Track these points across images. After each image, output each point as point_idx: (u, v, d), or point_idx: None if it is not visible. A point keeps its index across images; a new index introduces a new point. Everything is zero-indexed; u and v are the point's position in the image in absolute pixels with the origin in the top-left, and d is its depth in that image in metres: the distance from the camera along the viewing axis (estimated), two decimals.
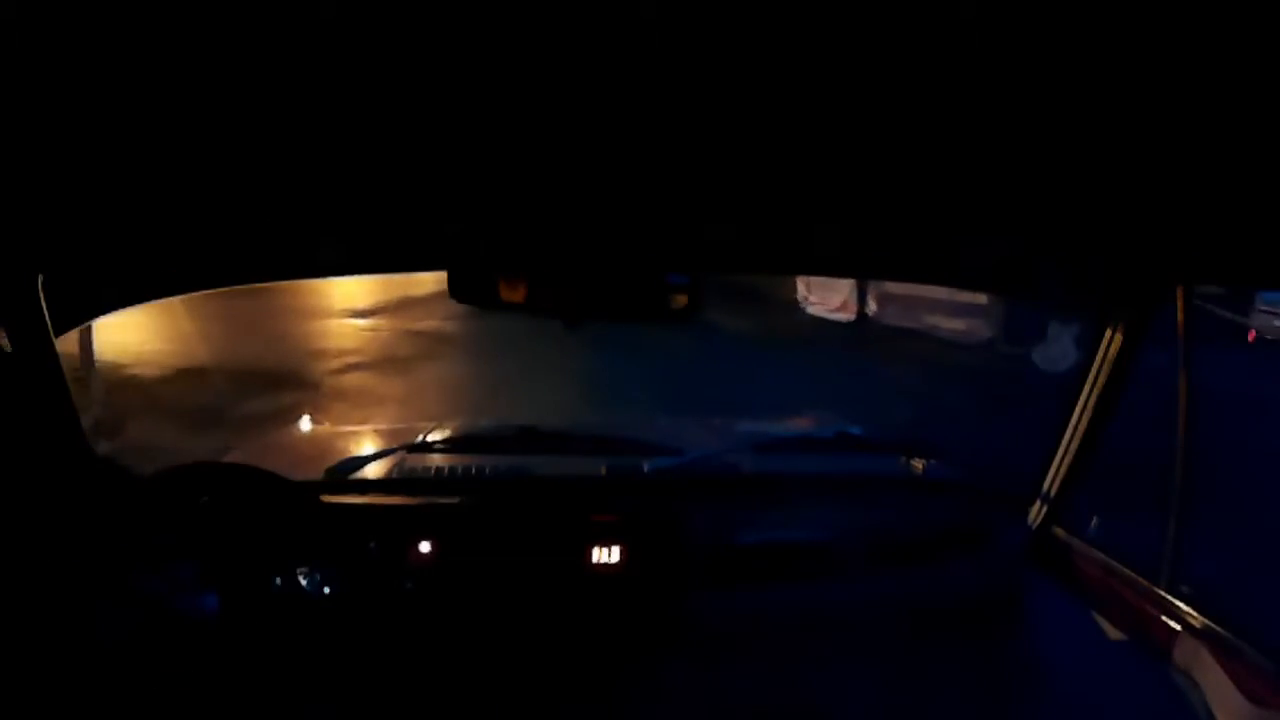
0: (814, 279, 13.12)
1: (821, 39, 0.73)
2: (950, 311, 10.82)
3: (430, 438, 2.04)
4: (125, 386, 6.31)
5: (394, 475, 1.86)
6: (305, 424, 2.62)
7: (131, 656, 1.37)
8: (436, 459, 1.93)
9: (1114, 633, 1.51)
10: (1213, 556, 1.80)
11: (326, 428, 2.68)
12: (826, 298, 13.32)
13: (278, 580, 1.45)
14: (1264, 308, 11.77)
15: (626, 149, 1.14)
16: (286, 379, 6.86)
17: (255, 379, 6.67)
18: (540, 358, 6.17)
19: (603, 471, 1.88)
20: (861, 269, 1.66)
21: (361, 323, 10.21)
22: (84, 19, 0.66)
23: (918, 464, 2.06)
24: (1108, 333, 1.59)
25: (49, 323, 1.42)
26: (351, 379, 7.22)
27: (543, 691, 1.72)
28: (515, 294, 1.36)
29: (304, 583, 1.48)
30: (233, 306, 8.21)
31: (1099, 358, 1.62)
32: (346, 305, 11.14)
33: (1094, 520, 1.70)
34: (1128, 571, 1.56)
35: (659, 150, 1.14)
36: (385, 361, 7.82)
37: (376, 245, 1.56)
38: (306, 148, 1.07)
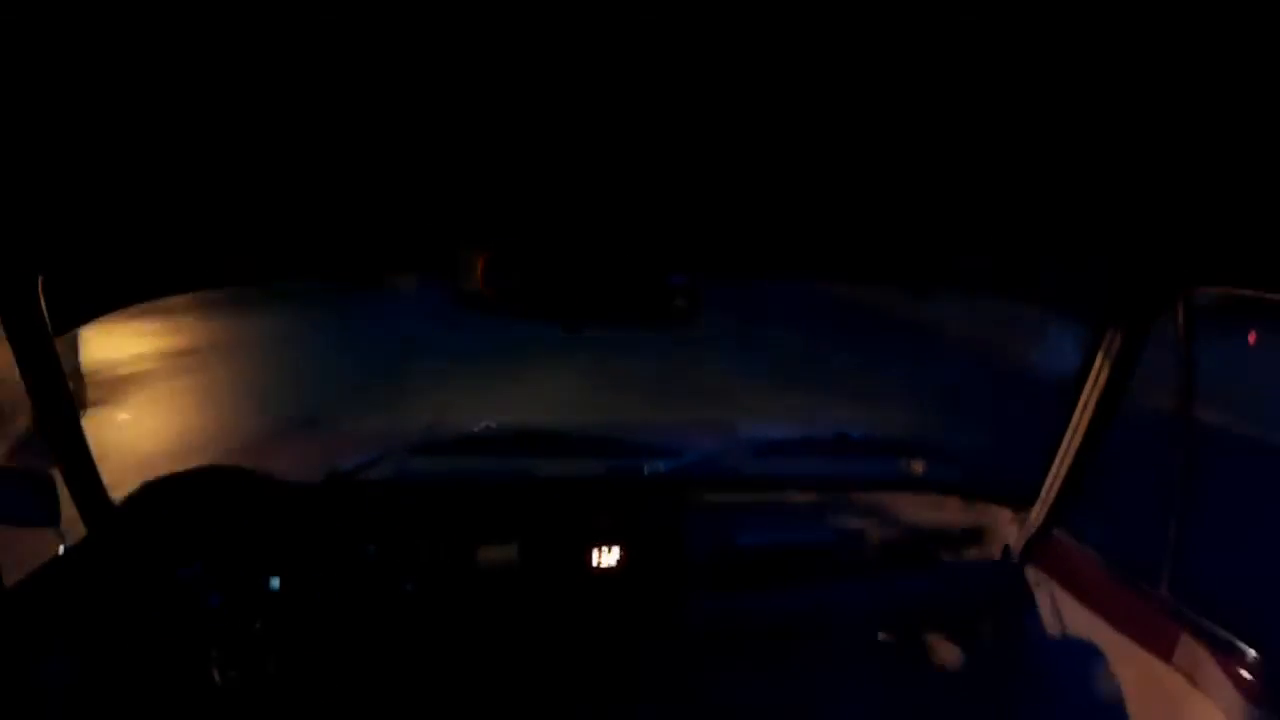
0: None
1: (824, 41, 0.73)
2: None
3: (430, 439, 2.04)
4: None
5: (393, 477, 1.86)
6: (305, 425, 2.62)
7: (132, 656, 1.36)
8: (436, 460, 1.93)
9: (1114, 633, 1.50)
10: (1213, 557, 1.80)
11: (326, 429, 2.68)
12: None
13: (277, 581, 1.45)
14: None
15: (627, 151, 1.14)
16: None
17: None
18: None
19: (603, 473, 1.88)
20: (863, 270, 1.66)
21: None
22: (84, 19, 0.66)
23: (918, 466, 2.06)
24: (1108, 334, 1.59)
25: (49, 323, 1.41)
26: None
27: (543, 693, 1.72)
28: (515, 300, 1.36)
29: (304, 583, 1.48)
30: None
31: (1099, 359, 1.62)
32: None
33: (1094, 521, 1.70)
34: (1127, 572, 1.56)
35: (660, 152, 1.14)
36: None
37: (377, 247, 1.56)
38: (307, 149, 1.07)
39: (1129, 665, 1.45)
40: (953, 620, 1.82)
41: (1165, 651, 1.37)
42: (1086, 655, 1.55)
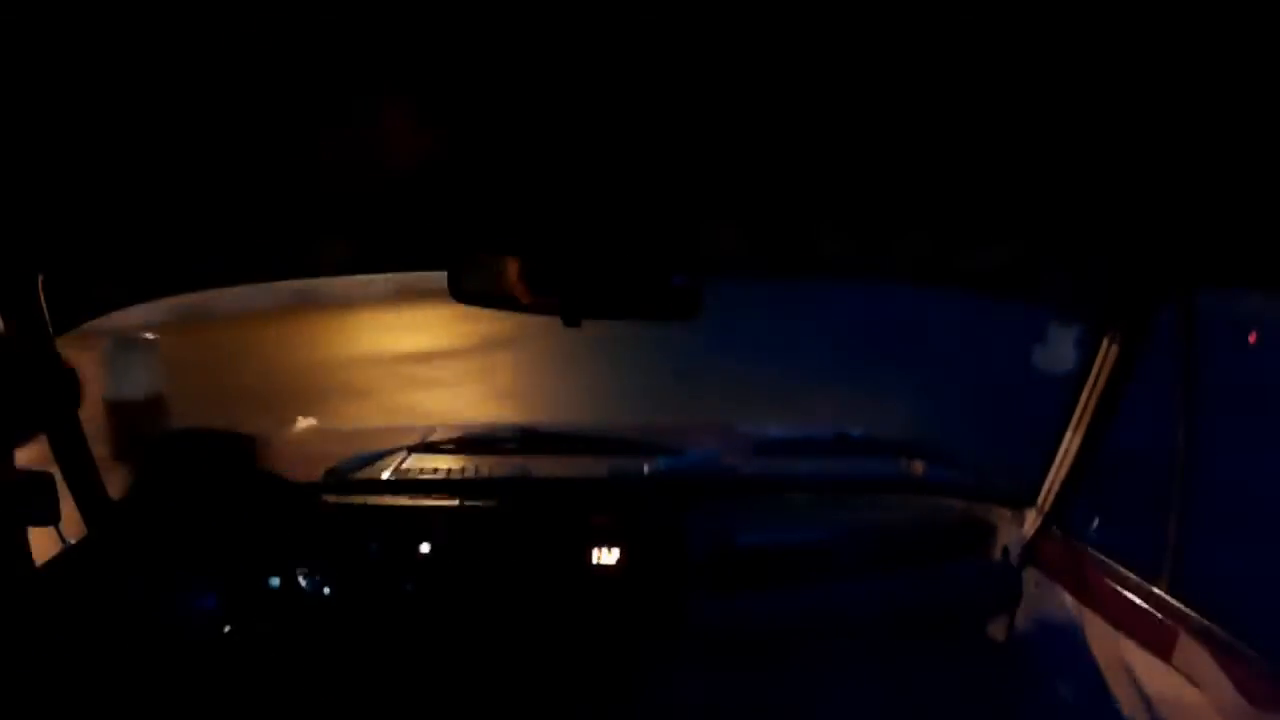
0: None
1: (826, 41, 0.73)
2: None
3: (430, 438, 2.04)
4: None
5: (394, 476, 1.86)
6: (305, 424, 2.62)
7: (132, 656, 1.37)
8: (437, 460, 1.93)
9: (1114, 633, 1.50)
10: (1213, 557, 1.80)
11: (326, 428, 2.68)
12: None
13: (277, 581, 1.45)
14: None
15: (630, 149, 1.14)
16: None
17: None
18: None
19: (603, 473, 1.88)
20: (864, 270, 1.66)
21: None
22: (84, 19, 0.66)
23: (918, 466, 2.06)
24: (1108, 334, 1.59)
25: (49, 323, 1.42)
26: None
27: (543, 693, 1.72)
28: (516, 294, 1.36)
29: (304, 583, 1.48)
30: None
31: (1099, 359, 1.62)
32: None
33: (1094, 521, 1.69)
34: (1128, 572, 1.56)
35: (662, 151, 1.14)
36: None
37: (377, 245, 1.56)
38: (306, 147, 1.07)
39: (1129, 665, 1.45)
40: (953, 620, 1.82)
41: (1165, 651, 1.37)
42: (1086, 655, 1.55)
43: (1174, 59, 0.71)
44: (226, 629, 1.41)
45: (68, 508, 1.51)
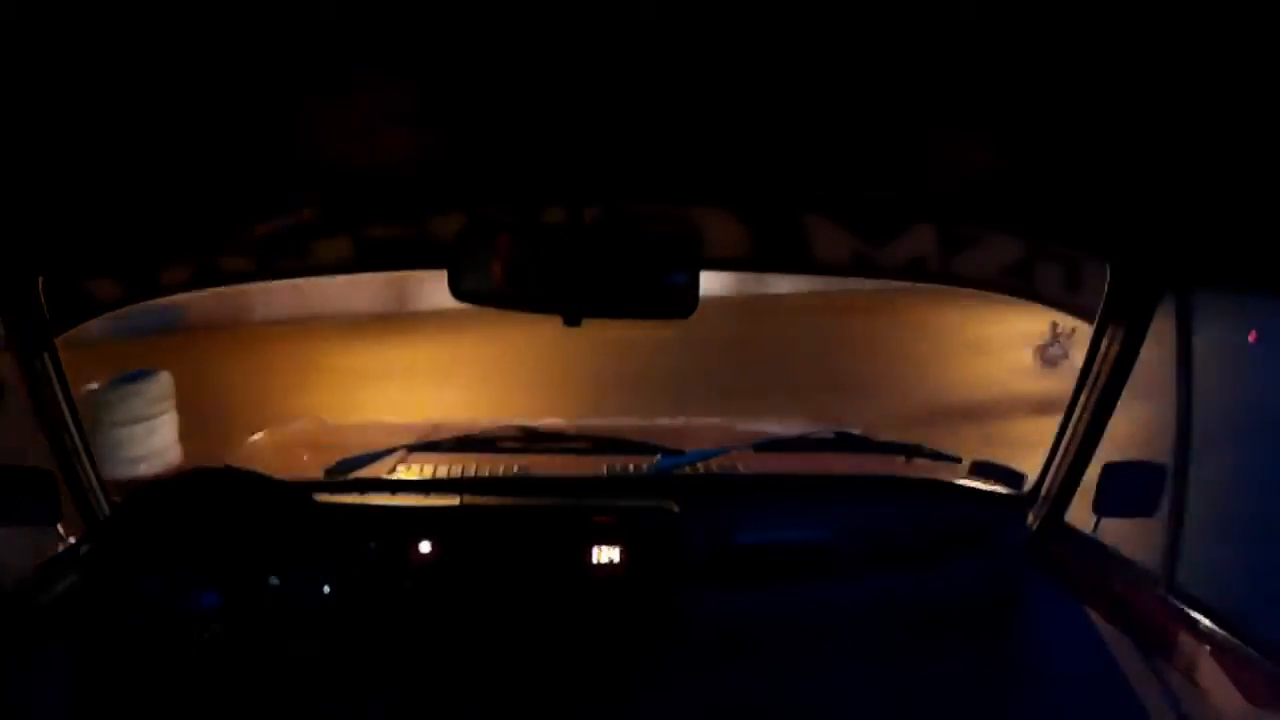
0: None
1: (827, 37, 0.73)
2: None
3: (430, 438, 2.04)
4: None
5: (393, 475, 1.86)
6: (305, 423, 2.62)
7: (131, 657, 1.37)
8: (436, 459, 1.93)
9: (1114, 633, 1.51)
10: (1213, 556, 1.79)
11: (326, 427, 2.68)
12: None
13: (276, 580, 1.45)
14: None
15: (628, 147, 1.15)
16: None
17: None
18: None
19: (603, 471, 1.88)
20: (864, 267, 1.66)
21: None
22: (84, 19, 0.66)
23: (917, 466, 2.06)
24: (1107, 333, 1.59)
25: (49, 323, 1.42)
26: None
27: (543, 692, 1.72)
28: (515, 294, 1.36)
29: (303, 583, 1.48)
30: None
31: (1098, 358, 1.62)
32: None
33: (1094, 520, 1.70)
34: (1128, 572, 1.56)
35: (661, 149, 1.14)
36: None
37: (376, 243, 1.57)
38: (305, 146, 1.07)
39: (1128, 665, 1.45)
40: (952, 620, 1.82)
41: (1165, 651, 1.37)
42: (1086, 655, 1.55)
43: (1174, 58, 0.71)
44: (226, 629, 1.41)
45: (68, 508, 1.51)
